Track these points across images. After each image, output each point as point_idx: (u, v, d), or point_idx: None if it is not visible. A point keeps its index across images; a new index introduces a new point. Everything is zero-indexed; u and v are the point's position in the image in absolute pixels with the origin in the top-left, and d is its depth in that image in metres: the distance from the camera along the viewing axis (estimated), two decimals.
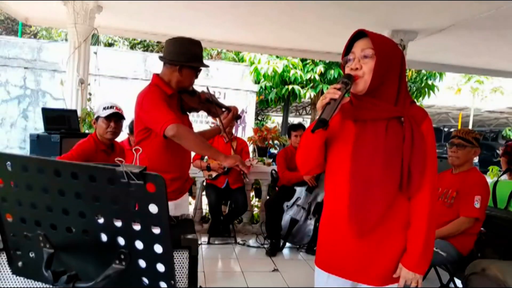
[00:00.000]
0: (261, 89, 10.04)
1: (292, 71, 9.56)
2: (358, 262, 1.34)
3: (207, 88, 2.25)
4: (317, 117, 1.27)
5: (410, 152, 1.28)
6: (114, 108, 2.55)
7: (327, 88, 1.53)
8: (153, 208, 0.76)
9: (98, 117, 2.56)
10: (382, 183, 1.28)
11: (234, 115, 2.32)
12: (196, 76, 2.11)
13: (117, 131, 2.58)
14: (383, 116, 1.31)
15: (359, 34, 1.33)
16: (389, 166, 1.28)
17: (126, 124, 2.88)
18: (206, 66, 2.13)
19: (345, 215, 1.32)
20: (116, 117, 2.55)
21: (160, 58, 2.09)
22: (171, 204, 2.08)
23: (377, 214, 1.28)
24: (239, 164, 1.93)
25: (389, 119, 1.31)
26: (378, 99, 1.31)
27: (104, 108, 2.54)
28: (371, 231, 1.30)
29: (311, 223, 3.94)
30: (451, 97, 15.48)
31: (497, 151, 12.26)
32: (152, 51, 12.13)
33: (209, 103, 2.22)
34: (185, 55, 2.02)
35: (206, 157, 4.27)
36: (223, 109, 2.30)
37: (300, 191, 4.02)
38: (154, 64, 8.67)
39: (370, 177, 1.29)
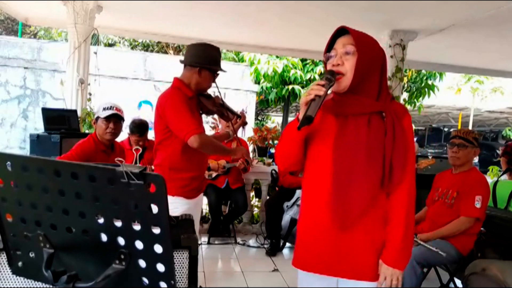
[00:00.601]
0: (261, 89, 10.04)
1: (292, 71, 9.56)
2: (341, 257, 1.33)
3: (219, 92, 2.36)
4: (300, 113, 1.28)
5: (392, 146, 1.28)
6: (114, 108, 2.55)
7: None
8: (153, 208, 0.76)
9: (97, 118, 2.56)
10: (364, 176, 1.29)
11: (243, 121, 2.48)
12: (213, 80, 2.24)
13: (116, 131, 2.59)
14: (365, 110, 1.31)
15: (341, 31, 1.33)
16: (372, 160, 1.28)
17: (126, 124, 2.88)
18: (224, 70, 2.25)
19: (327, 210, 1.31)
20: (115, 118, 2.55)
21: (181, 61, 2.22)
22: (191, 202, 2.19)
23: (360, 206, 1.29)
24: (245, 156, 2.26)
25: (371, 113, 1.31)
26: (360, 95, 1.32)
27: (104, 109, 2.54)
28: (353, 225, 1.30)
29: None
30: (451, 97, 15.47)
31: (497, 151, 12.27)
32: (152, 51, 12.13)
33: (222, 108, 2.35)
34: (204, 58, 2.16)
35: None
36: (234, 115, 2.43)
37: (300, 191, 4.02)
38: (154, 64, 8.67)
39: (352, 170, 1.29)
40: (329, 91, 1.29)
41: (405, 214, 1.32)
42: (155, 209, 0.76)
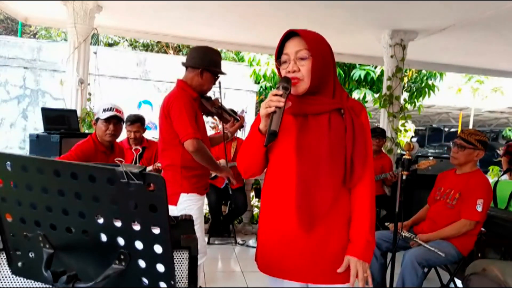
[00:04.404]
0: (261, 89, 10.03)
1: None
2: (306, 260, 1.32)
3: (220, 94, 2.42)
4: (261, 124, 1.27)
5: (353, 143, 1.29)
6: (114, 110, 2.54)
7: None
8: (153, 208, 0.76)
9: (97, 119, 2.56)
10: (328, 175, 1.29)
11: (240, 125, 2.57)
12: (214, 82, 2.32)
13: (116, 133, 2.59)
14: (325, 109, 1.31)
15: (290, 34, 1.32)
16: (334, 158, 1.28)
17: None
18: (224, 73, 2.33)
19: (291, 211, 1.30)
20: (115, 120, 2.55)
21: (183, 63, 2.30)
22: (200, 198, 2.27)
23: (325, 205, 1.29)
24: (230, 177, 2.30)
25: (331, 111, 1.31)
26: (318, 95, 1.32)
27: (104, 110, 2.54)
28: (318, 225, 1.30)
29: None
30: (452, 97, 15.44)
31: (498, 151, 12.27)
32: (152, 51, 12.12)
33: (221, 109, 2.43)
34: (205, 60, 2.25)
35: None
36: (232, 117, 2.51)
37: None
38: (154, 64, 8.67)
39: (316, 171, 1.29)
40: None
41: (369, 208, 1.33)
42: (154, 209, 0.76)
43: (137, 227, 0.79)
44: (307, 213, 1.29)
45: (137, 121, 3.57)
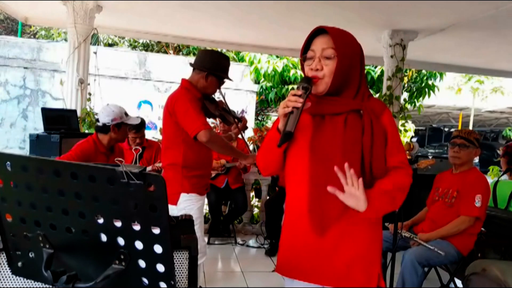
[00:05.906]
0: (261, 89, 10.03)
1: (292, 71, 9.55)
2: (320, 262, 1.30)
3: (223, 97, 2.45)
4: (280, 123, 1.26)
5: (371, 145, 1.24)
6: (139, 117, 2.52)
7: None
8: (153, 208, 0.76)
9: (121, 123, 2.50)
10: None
11: (243, 126, 2.59)
12: (219, 86, 2.35)
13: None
14: (342, 109, 1.28)
15: (319, 30, 1.29)
16: (348, 160, 1.22)
17: None
18: (230, 79, 2.36)
19: (304, 213, 1.28)
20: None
21: (191, 64, 2.33)
22: (201, 198, 2.29)
23: (337, 208, 1.25)
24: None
25: (348, 112, 1.27)
26: (339, 96, 1.29)
27: (127, 114, 2.51)
28: (331, 228, 1.27)
29: None
30: (452, 97, 15.45)
31: (498, 151, 12.27)
32: (152, 51, 12.12)
33: (225, 112, 2.45)
34: (213, 64, 2.27)
35: None
36: (236, 119, 2.53)
37: None
38: (154, 64, 8.68)
39: (329, 172, 1.24)
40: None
41: (400, 185, 1.26)
42: (154, 209, 0.76)
43: (137, 227, 0.79)
44: (319, 217, 1.27)
45: (142, 126, 3.58)
